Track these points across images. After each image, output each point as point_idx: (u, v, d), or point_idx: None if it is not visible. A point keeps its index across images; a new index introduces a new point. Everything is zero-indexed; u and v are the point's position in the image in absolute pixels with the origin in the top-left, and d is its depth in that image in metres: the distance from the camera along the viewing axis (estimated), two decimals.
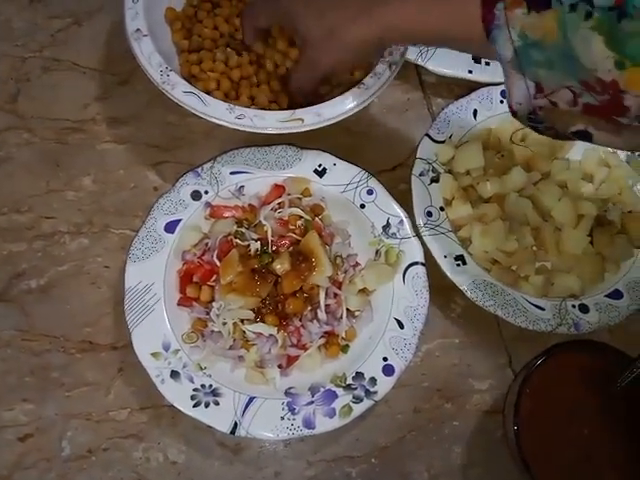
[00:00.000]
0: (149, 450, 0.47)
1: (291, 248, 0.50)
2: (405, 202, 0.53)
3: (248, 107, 0.52)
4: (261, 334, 0.48)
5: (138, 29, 0.52)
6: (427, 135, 0.56)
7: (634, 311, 0.52)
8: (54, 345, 0.50)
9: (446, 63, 0.60)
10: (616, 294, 0.52)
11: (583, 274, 0.53)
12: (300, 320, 0.49)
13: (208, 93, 0.52)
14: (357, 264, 0.53)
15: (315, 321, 0.49)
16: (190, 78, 0.55)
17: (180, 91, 0.49)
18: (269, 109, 0.53)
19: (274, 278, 0.48)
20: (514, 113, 0.37)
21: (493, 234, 0.52)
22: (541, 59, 0.34)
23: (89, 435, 0.47)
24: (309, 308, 0.49)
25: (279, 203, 0.52)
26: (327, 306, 0.49)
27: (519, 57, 0.34)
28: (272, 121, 0.49)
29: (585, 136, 0.36)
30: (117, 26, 0.59)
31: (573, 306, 0.51)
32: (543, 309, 0.51)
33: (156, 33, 0.54)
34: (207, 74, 0.55)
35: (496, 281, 0.51)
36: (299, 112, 0.50)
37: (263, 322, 0.48)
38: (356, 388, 0.47)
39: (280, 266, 0.48)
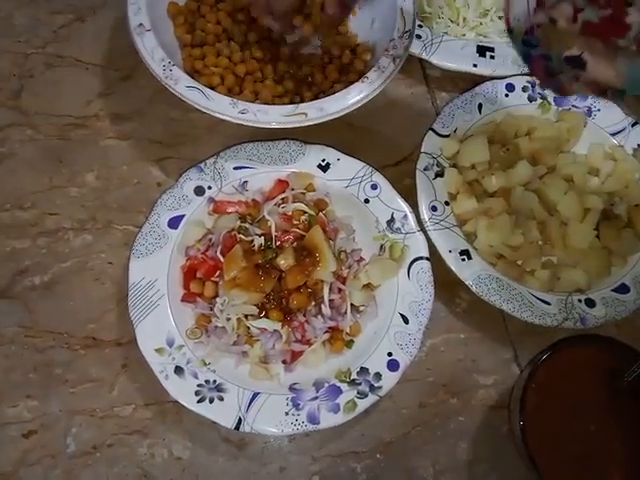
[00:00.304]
0: (154, 446, 0.47)
1: (295, 243, 0.49)
2: (410, 197, 0.53)
3: (252, 102, 0.52)
4: (265, 330, 0.47)
5: (141, 24, 0.52)
6: (432, 129, 0.56)
7: None
8: (58, 341, 0.50)
9: (450, 57, 0.59)
10: (623, 288, 0.52)
11: (589, 268, 0.53)
12: (304, 315, 0.48)
13: (212, 88, 0.51)
14: (361, 259, 0.52)
15: (319, 316, 0.49)
16: (193, 73, 0.55)
17: (183, 86, 0.49)
18: (273, 104, 0.53)
19: (278, 273, 0.48)
20: (510, 30, 0.36)
21: (499, 228, 0.52)
22: None
23: (94, 431, 0.47)
24: (313, 303, 0.49)
25: (283, 198, 0.52)
26: (331, 301, 0.49)
27: None
28: (275, 115, 0.49)
29: (579, 64, 0.34)
30: (120, 22, 0.59)
31: (579, 300, 0.51)
32: (549, 304, 0.50)
33: (159, 28, 0.54)
34: (210, 69, 0.55)
35: (502, 275, 0.51)
36: (302, 107, 0.50)
37: (267, 317, 0.48)
38: (361, 383, 0.46)
39: (284, 261, 0.48)
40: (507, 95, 0.58)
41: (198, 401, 0.45)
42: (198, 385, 0.45)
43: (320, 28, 0.55)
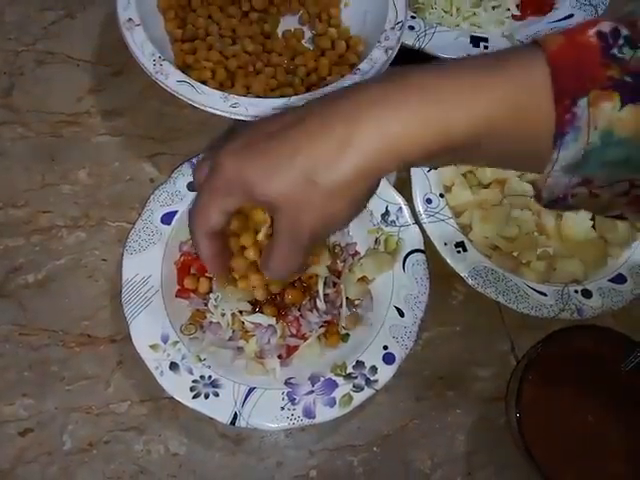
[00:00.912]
0: (150, 442, 0.47)
1: None
2: (404, 189, 0.53)
3: (244, 96, 0.51)
4: (260, 325, 0.47)
5: (130, 19, 0.52)
6: None
7: (638, 295, 0.51)
8: (53, 339, 0.49)
9: (444, 47, 0.59)
10: (619, 278, 0.52)
11: (586, 259, 0.52)
12: (299, 310, 0.48)
13: (203, 83, 0.51)
14: (356, 253, 0.52)
15: (314, 311, 0.48)
16: (185, 68, 0.55)
17: (174, 80, 0.49)
18: (265, 97, 0.53)
19: None
20: (539, 199, 0.30)
21: (493, 220, 0.52)
22: (617, 158, 0.26)
23: (90, 428, 0.47)
24: (308, 298, 0.48)
25: None
26: (326, 295, 0.49)
27: (585, 160, 0.26)
28: (267, 109, 0.48)
29: (617, 217, 0.30)
30: (110, 17, 0.58)
31: (576, 291, 0.51)
32: (545, 295, 0.50)
33: (149, 23, 0.54)
34: (202, 63, 0.54)
35: (497, 267, 0.51)
36: (294, 99, 0.49)
37: (262, 313, 0.47)
38: (356, 377, 0.46)
39: None
40: None
41: (193, 397, 0.45)
42: (193, 381, 0.45)
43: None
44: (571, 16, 0.63)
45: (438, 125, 0.27)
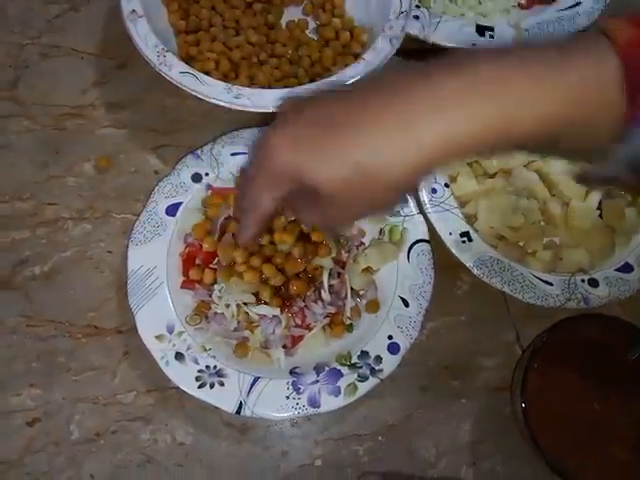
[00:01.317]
0: (156, 432, 0.47)
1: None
2: None
3: (247, 87, 0.51)
4: (265, 315, 0.47)
5: (134, 10, 0.52)
6: None
7: None
8: (59, 330, 0.50)
9: (449, 37, 0.58)
10: (626, 267, 0.51)
11: (592, 248, 0.52)
12: (304, 301, 0.48)
13: (207, 74, 0.51)
14: (361, 243, 0.52)
15: (319, 302, 0.48)
16: (188, 59, 0.55)
17: (177, 72, 0.49)
18: (270, 88, 0.53)
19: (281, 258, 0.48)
20: (582, 180, 0.30)
21: (499, 209, 0.51)
22: None
23: (97, 418, 0.47)
24: (312, 289, 0.48)
25: None
26: (331, 286, 0.49)
27: None
28: (270, 100, 0.48)
29: None
30: (114, 10, 0.58)
31: (582, 281, 0.50)
32: (551, 284, 0.50)
33: (152, 14, 0.54)
34: (205, 55, 0.54)
35: (503, 257, 0.50)
36: (298, 90, 0.49)
37: (266, 304, 0.47)
38: (361, 367, 0.46)
39: (283, 246, 0.47)
40: None
41: (199, 386, 0.45)
42: (199, 371, 0.45)
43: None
44: (578, 4, 0.62)
45: (501, 124, 0.26)
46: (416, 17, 0.59)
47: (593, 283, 0.50)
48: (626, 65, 0.25)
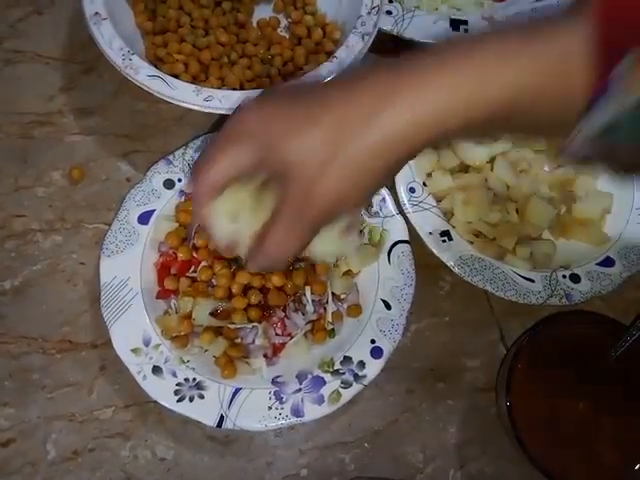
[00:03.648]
0: (136, 448, 0.46)
1: None
2: None
3: (218, 88, 0.50)
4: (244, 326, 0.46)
5: (97, 12, 0.50)
6: None
7: (627, 278, 0.50)
8: (33, 346, 0.48)
9: (423, 32, 0.57)
10: (608, 262, 0.51)
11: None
12: (284, 311, 0.47)
13: (176, 76, 0.50)
14: None
15: (300, 313, 0.47)
16: (157, 62, 0.53)
17: (144, 75, 0.48)
18: (242, 89, 0.51)
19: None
20: (561, 154, 0.28)
21: (476, 203, 0.50)
22: None
23: (74, 436, 0.46)
24: (291, 298, 0.47)
25: None
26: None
27: (615, 126, 0.25)
28: (241, 101, 0.47)
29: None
30: (79, 13, 0.56)
31: (564, 276, 0.50)
32: (533, 281, 0.49)
33: (117, 16, 0.52)
34: (174, 56, 0.53)
35: (484, 255, 0.50)
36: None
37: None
38: (344, 373, 0.45)
39: None
40: None
41: (178, 400, 0.44)
42: (177, 384, 0.44)
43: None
44: None
45: (466, 100, 0.26)
46: (389, 12, 0.58)
47: (575, 279, 0.50)
48: (599, 25, 0.24)
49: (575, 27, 0.25)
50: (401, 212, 0.51)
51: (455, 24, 0.58)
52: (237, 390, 0.45)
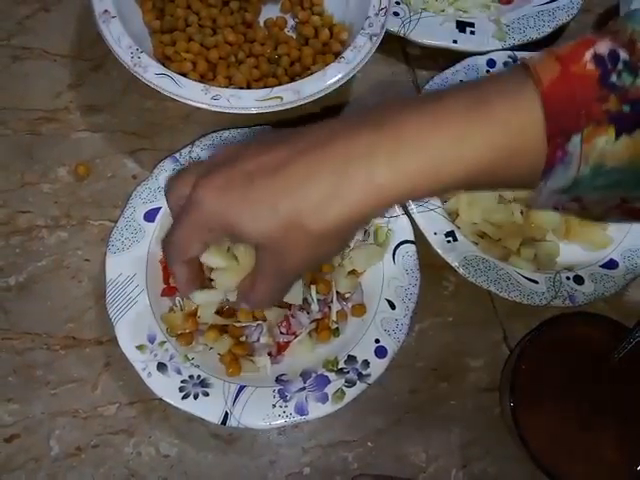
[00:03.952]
0: (140, 445, 0.46)
1: None
2: None
3: (226, 87, 0.50)
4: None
5: (106, 10, 0.50)
6: None
7: (630, 280, 0.50)
8: (37, 342, 0.48)
9: (430, 33, 0.58)
10: (611, 264, 0.51)
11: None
12: (289, 309, 0.47)
13: (184, 75, 0.50)
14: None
15: (304, 312, 0.47)
16: (164, 60, 0.53)
17: (152, 73, 0.48)
18: (248, 89, 0.52)
19: None
20: (529, 206, 0.31)
21: (481, 204, 0.51)
22: (607, 183, 0.26)
23: (77, 432, 0.46)
24: None
25: None
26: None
27: (575, 186, 0.26)
28: (249, 100, 0.47)
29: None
30: (87, 10, 0.56)
31: (567, 278, 0.50)
32: (537, 282, 0.50)
33: (126, 14, 0.52)
34: (182, 55, 0.53)
35: (488, 256, 0.50)
36: (277, 90, 0.48)
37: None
38: (348, 372, 0.45)
39: None
40: (488, 71, 0.57)
41: (183, 397, 0.44)
42: (182, 381, 0.44)
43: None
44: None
45: (426, 177, 0.27)
46: (396, 14, 0.58)
47: (578, 280, 0.50)
48: (547, 109, 0.25)
49: (530, 100, 0.26)
50: (406, 212, 0.51)
51: (461, 26, 0.59)
52: (241, 388, 0.45)
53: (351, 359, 0.46)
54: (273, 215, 0.28)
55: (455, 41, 0.58)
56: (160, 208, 0.49)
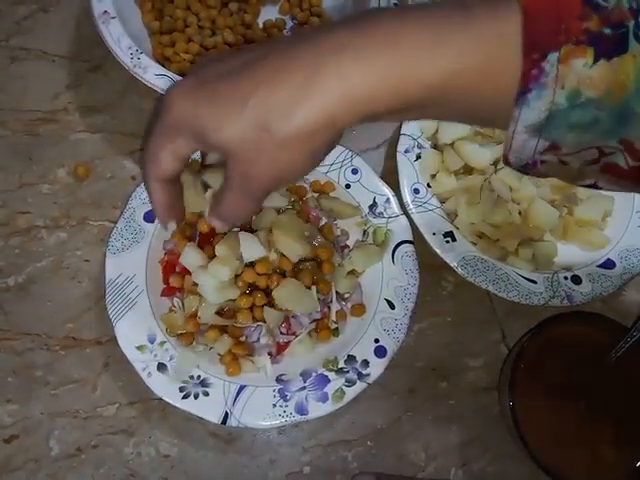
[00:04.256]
0: (140, 445, 0.46)
1: None
2: (391, 180, 0.52)
3: None
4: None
5: (105, 11, 0.50)
6: None
7: (627, 280, 0.51)
8: (36, 343, 0.48)
9: None
10: (608, 263, 0.51)
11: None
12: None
13: (183, 76, 0.50)
14: (345, 246, 0.52)
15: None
16: (163, 61, 0.53)
17: (152, 74, 0.48)
18: None
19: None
20: (507, 162, 0.28)
21: (479, 204, 0.51)
22: (583, 120, 0.25)
23: (77, 433, 0.46)
24: None
25: None
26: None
27: (549, 122, 0.25)
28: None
29: (591, 186, 0.29)
30: (85, 11, 0.57)
31: (565, 278, 0.51)
32: (535, 282, 0.50)
33: (125, 15, 0.52)
34: (181, 56, 0.53)
35: (487, 256, 0.50)
36: None
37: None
38: (348, 371, 0.46)
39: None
40: None
41: (183, 397, 0.44)
42: (182, 381, 0.44)
43: None
44: None
45: (398, 78, 0.26)
46: None
47: (576, 280, 0.51)
48: (526, 20, 0.24)
49: (508, 11, 0.25)
50: (405, 213, 0.51)
51: None
52: (242, 388, 0.45)
53: (351, 359, 0.46)
54: (240, 117, 0.27)
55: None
56: None
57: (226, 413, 0.44)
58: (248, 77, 0.27)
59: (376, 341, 0.47)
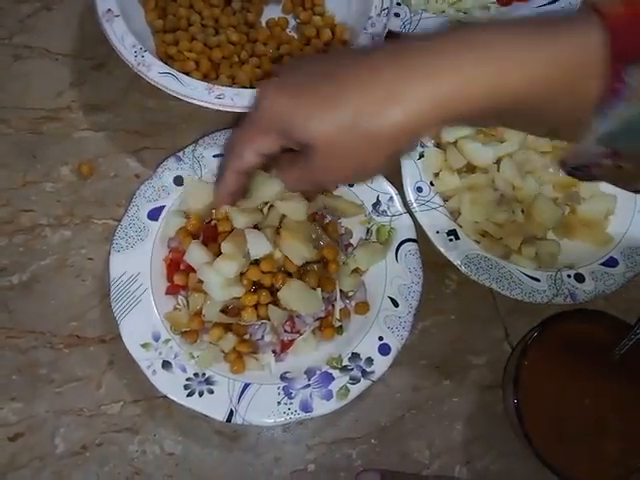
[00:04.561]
0: (145, 443, 0.46)
1: None
2: (395, 178, 0.52)
3: (229, 86, 0.50)
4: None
5: (109, 9, 0.50)
6: None
7: (631, 278, 0.51)
8: (41, 341, 0.48)
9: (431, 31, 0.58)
10: (611, 262, 0.52)
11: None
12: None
13: (187, 74, 0.50)
14: (349, 244, 0.52)
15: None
16: (167, 59, 0.53)
17: (156, 72, 0.48)
18: (250, 87, 0.52)
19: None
20: (562, 165, 0.29)
21: (482, 203, 0.51)
22: None
23: (82, 431, 0.46)
24: None
25: None
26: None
27: (622, 132, 0.25)
28: (253, 99, 0.47)
29: (637, 191, 0.30)
30: (89, 9, 0.57)
31: (569, 276, 0.51)
32: (538, 280, 0.50)
33: (129, 13, 0.52)
34: (185, 54, 0.53)
35: (490, 254, 0.50)
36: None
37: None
38: (352, 369, 0.46)
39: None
40: None
41: (188, 395, 0.44)
42: (187, 379, 0.44)
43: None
44: (556, 0, 0.62)
45: (491, 84, 0.27)
46: (397, 14, 0.58)
47: (579, 278, 0.51)
48: (612, 33, 0.25)
49: (591, 27, 0.26)
50: (409, 211, 0.51)
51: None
52: (246, 385, 0.45)
53: (355, 356, 0.46)
54: (329, 112, 0.28)
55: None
56: (164, 207, 0.49)
57: (231, 411, 0.44)
58: (346, 79, 0.29)
59: (380, 339, 0.47)
